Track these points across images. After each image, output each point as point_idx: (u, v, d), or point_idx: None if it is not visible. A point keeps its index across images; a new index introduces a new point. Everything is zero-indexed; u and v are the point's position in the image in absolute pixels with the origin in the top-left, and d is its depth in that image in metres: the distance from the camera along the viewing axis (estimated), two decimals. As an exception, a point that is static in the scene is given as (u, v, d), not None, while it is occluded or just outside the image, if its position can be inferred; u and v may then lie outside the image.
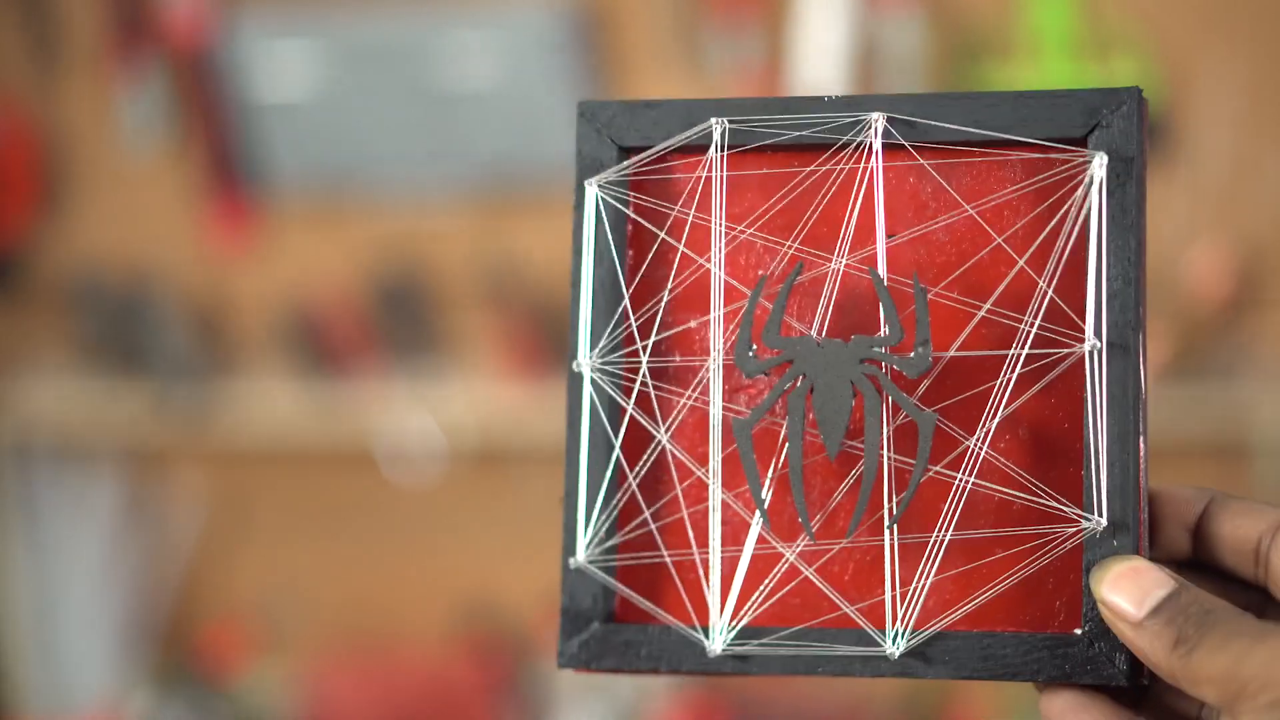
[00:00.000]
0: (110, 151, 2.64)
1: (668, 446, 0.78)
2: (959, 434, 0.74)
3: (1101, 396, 0.73)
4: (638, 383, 0.78)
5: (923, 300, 0.74)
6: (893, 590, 0.74)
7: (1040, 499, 0.74)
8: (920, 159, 0.76)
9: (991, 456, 0.74)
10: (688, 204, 0.78)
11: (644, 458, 0.78)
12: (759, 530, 0.76)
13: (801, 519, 0.75)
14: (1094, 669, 0.72)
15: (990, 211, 0.76)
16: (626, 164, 0.78)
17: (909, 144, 0.76)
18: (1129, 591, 0.70)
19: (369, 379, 2.56)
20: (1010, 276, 0.75)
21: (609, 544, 0.78)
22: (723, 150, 0.77)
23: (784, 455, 0.76)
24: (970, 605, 0.74)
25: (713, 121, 0.77)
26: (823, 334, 0.76)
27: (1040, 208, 0.75)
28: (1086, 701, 0.73)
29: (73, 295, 2.65)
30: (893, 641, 0.74)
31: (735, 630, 0.75)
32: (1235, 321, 2.31)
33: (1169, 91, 2.29)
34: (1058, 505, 0.74)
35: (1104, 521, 0.72)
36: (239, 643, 2.64)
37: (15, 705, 2.70)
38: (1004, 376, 0.74)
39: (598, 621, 0.77)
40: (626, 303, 0.78)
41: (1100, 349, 0.73)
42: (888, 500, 0.74)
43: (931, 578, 0.74)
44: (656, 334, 0.78)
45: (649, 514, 0.78)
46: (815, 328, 0.76)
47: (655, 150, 0.78)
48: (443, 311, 2.57)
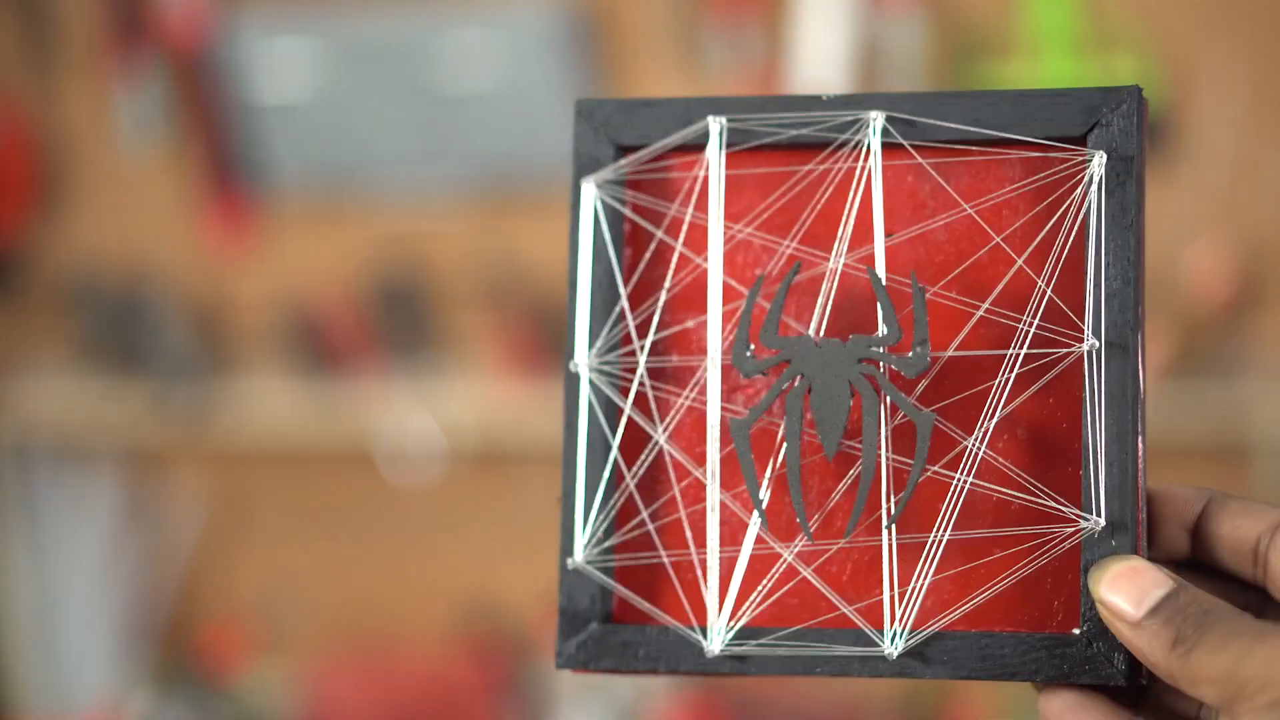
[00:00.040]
0: (109, 151, 2.64)
1: (665, 447, 0.77)
2: (957, 434, 0.74)
3: (1100, 396, 0.72)
4: (635, 383, 0.77)
5: (921, 300, 0.74)
6: (891, 590, 0.74)
7: (1039, 499, 0.74)
8: (919, 158, 0.76)
9: (990, 456, 0.74)
10: (685, 203, 0.78)
11: (641, 458, 0.77)
12: (757, 530, 0.76)
13: (799, 519, 0.74)
14: (1092, 669, 0.72)
15: (989, 211, 0.76)
16: (623, 162, 0.78)
17: (907, 143, 0.76)
18: (1127, 591, 0.70)
19: (369, 379, 2.56)
20: (1009, 276, 0.75)
21: (607, 544, 0.77)
22: (720, 149, 0.77)
23: (782, 455, 0.75)
24: (968, 605, 0.74)
25: (710, 120, 0.77)
26: (821, 334, 0.75)
27: (1039, 207, 0.75)
28: (1085, 701, 0.72)
29: (72, 295, 2.65)
30: (891, 642, 0.74)
31: (733, 630, 0.75)
32: (1235, 321, 2.30)
33: (1170, 91, 2.29)
34: (1056, 505, 0.73)
35: (1102, 521, 0.72)
36: (239, 643, 2.64)
37: (15, 705, 2.70)
38: (1002, 376, 0.74)
39: (596, 622, 0.77)
40: (624, 302, 0.78)
41: (1099, 349, 0.73)
42: (886, 500, 0.74)
43: (930, 578, 0.74)
44: (654, 334, 0.78)
45: (647, 514, 0.77)
46: (813, 327, 0.76)
47: (653, 149, 0.78)
48: (442, 311, 2.57)
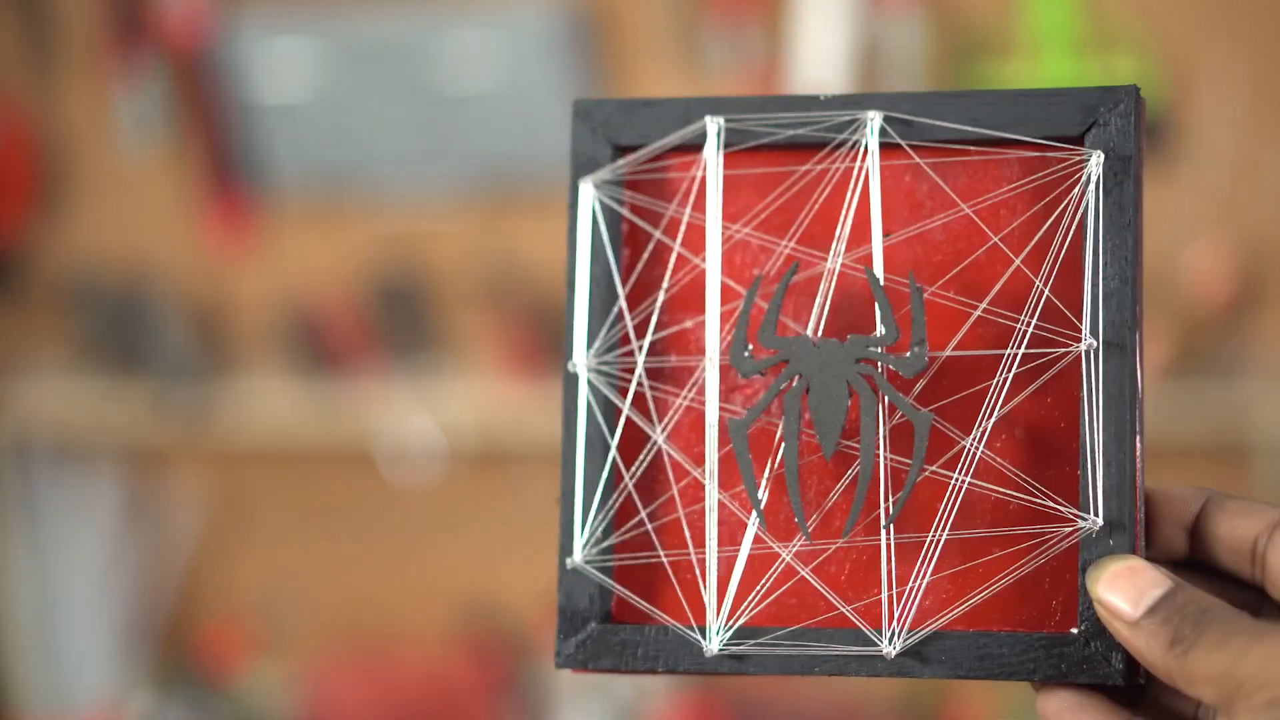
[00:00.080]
0: (109, 151, 2.64)
1: (664, 447, 0.77)
2: (955, 434, 0.74)
3: (1098, 396, 0.72)
4: (634, 383, 0.77)
5: (919, 300, 0.74)
6: (889, 590, 0.74)
7: (1037, 498, 0.74)
8: (916, 158, 0.76)
9: (988, 456, 0.74)
10: (683, 203, 0.78)
11: (640, 458, 0.77)
12: (755, 530, 0.76)
13: (798, 519, 0.74)
14: (1090, 668, 0.72)
15: (987, 210, 0.76)
16: (621, 163, 0.78)
17: (905, 143, 0.76)
18: (1125, 591, 0.70)
19: (369, 379, 2.56)
20: (1007, 276, 0.75)
21: (605, 544, 0.77)
22: (718, 149, 0.77)
23: (780, 455, 0.75)
24: (966, 605, 0.74)
25: (708, 120, 0.77)
26: (819, 334, 0.75)
27: (1037, 206, 0.75)
28: (1083, 701, 0.72)
29: (71, 295, 2.65)
30: (889, 641, 0.74)
31: (732, 630, 0.75)
32: (1235, 321, 2.30)
33: (1170, 91, 2.29)
34: (1054, 505, 0.73)
35: (1100, 521, 0.72)
36: (239, 643, 2.64)
37: (15, 705, 2.70)
38: (1000, 376, 0.74)
39: (595, 621, 0.77)
40: (622, 302, 0.78)
41: (1097, 348, 0.73)
42: (884, 500, 0.74)
43: (928, 577, 0.74)
44: (652, 334, 0.78)
45: (645, 514, 0.77)
46: (811, 327, 0.76)
47: (651, 149, 0.78)
48: (442, 311, 2.57)
